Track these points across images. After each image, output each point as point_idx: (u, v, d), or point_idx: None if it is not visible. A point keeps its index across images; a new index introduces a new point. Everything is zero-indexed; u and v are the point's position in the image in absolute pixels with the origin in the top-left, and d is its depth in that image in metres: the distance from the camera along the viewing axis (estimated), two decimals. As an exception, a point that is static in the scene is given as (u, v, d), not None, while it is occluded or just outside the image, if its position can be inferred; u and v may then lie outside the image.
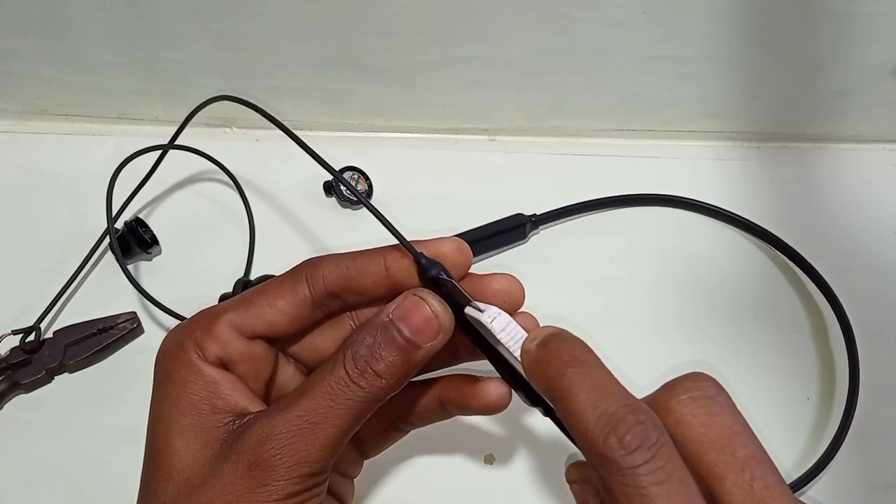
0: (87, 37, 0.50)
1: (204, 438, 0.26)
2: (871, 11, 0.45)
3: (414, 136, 0.55)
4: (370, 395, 0.26)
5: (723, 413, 0.23)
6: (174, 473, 0.25)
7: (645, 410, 0.22)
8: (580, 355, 0.24)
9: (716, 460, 0.22)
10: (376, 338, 0.26)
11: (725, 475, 0.22)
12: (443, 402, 0.31)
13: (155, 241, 0.47)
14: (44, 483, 0.39)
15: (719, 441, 0.22)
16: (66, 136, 0.55)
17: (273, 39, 0.49)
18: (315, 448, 0.25)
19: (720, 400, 0.23)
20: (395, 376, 0.26)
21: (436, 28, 0.47)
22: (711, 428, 0.22)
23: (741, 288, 0.46)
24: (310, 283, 0.28)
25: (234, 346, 0.27)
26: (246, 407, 0.27)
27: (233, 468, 0.25)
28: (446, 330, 0.27)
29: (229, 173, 0.51)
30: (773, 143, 0.53)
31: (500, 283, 0.29)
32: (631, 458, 0.21)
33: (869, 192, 0.51)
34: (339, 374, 0.26)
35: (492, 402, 0.29)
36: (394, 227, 0.28)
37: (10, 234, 0.49)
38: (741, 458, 0.22)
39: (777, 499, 0.21)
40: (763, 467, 0.22)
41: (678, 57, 0.48)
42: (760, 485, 0.21)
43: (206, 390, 0.26)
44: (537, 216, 0.48)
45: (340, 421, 0.26)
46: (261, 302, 0.28)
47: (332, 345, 0.30)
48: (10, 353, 0.42)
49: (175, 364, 0.27)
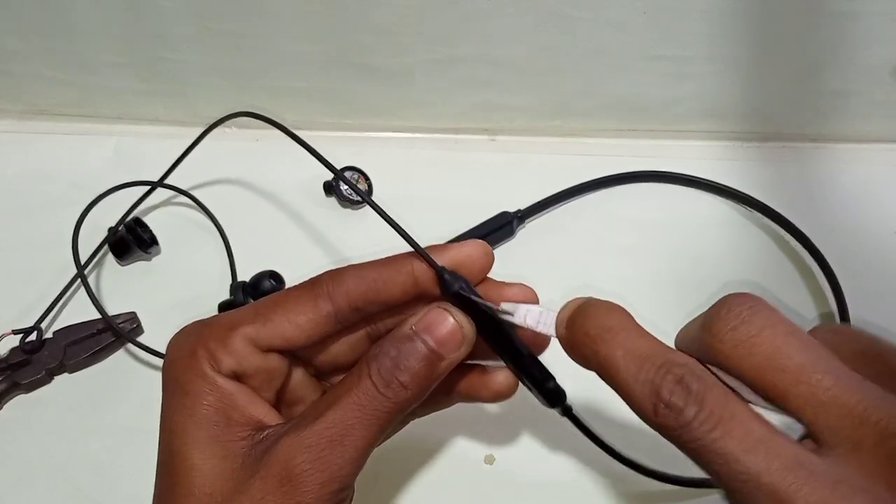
0: (87, 37, 0.50)
1: (222, 452, 0.25)
2: (871, 11, 0.45)
3: (414, 136, 0.55)
4: (396, 406, 0.26)
5: (763, 334, 0.22)
6: (195, 489, 0.25)
7: (680, 363, 0.22)
8: (605, 324, 0.24)
9: (772, 382, 0.21)
10: (401, 349, 0.26)
11: (787, 393, 0.21)
12: (450, 391, 0.31)
13: (154, 241, 0.47)
14: (44, 483, 0.39)
15: (767, 362, 0.21)
16: (66, 136, 0.55)
17: (273, 39, 0.49)
18: (345, 461, 0.25)
19: (757, 320, 0.22)
20: (420, 387, 0.26)
21: (436, 28, 0.47)
22: (757, 355, 0.22)
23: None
24: (333, 298, 0.27)
25: (249, 361, 0.27)
26: (262, 419, 0.26)
27: (262, 483, 0.25)
28: (469, 341, 0.27)
29: (206, 210, 0.50)
30: (773, 143, 0.53)
31: (515, 292, 0.29)
32: (683, 417, 0.21)
33: (869, 192, 0.51)
34: (367, 386, 0.26)
35: (501, 391, 0.30)
36: (413, 240, 0.28)
37: (10, 234, 0.49)
38: (794, 370, 0.21)
39: (844, 396, 0.21)
40: (817, 372, 0.21)
41: (678, 57, 0.48)
42: (821, 390, 0.21)
43: (222, 403, 0.26)
44: (521, 211, 0.48)
45: (369, 432, 0.26)
46: (279, 317, 0.27)
47: (346, 348, 0.30)
48: (10, 353, 0.42)
49: (188, 374, 0.26)
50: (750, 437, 0.20)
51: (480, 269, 0.29)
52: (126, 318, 0.44)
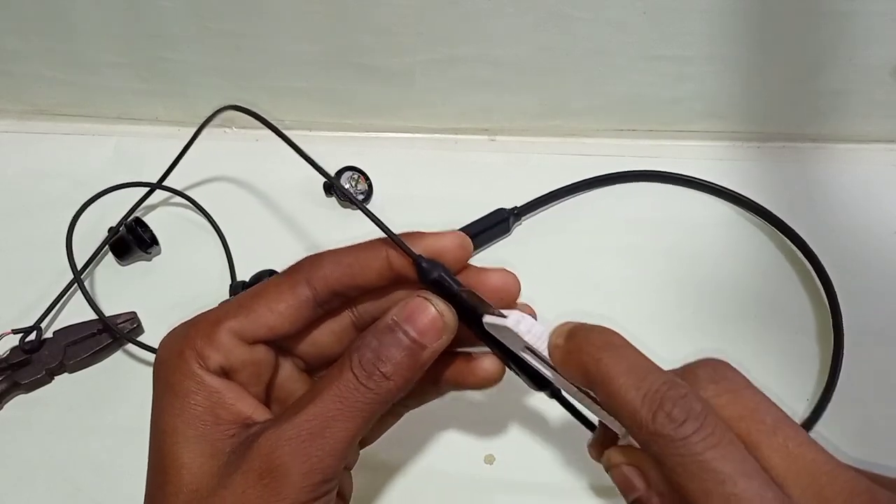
0: (87, 37, 0.50)
1: (210, 450, 0.26)
2: (871, 11, 0.45)
3: (414, 136, 0.55)
4: (378, 397, 0.26)
5: (745, 391, 0.24)
6: (183, 486, 0.25)
7: (683, 385, 0.23)
8: (609, 340, 0.25)
9: (748, 430, 0.23)
10: (382, 340, 0.26)
11: (760, 441, 0.23)
12: (438, 380, 0.31)
13: (154, 241, 0.47)
14: (44, 483, 0.39)
15: (747, 414, 0.23)
16: (66, 136, 0.55)
17: (273, 39, 0.49)
18: (326, 452, 0.25)
19: (740, 380, 0.25)
20: (403, 377, 0.26)
21: (436, 28, 0.47)
22: (738, 404, 0.24)
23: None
24: (311, 283, 0.28)
25: (236, 355, 0.27)
26: (250, 416, 0.27)
27: (243, 477, 0.25)
28: (451, 329, 0.27)
29: (203, 211, 0.50)
30: (773, 143, 0.53)
31: (496, 277, 0.29)
32: (682, 430, 0.22)
33: (869, 192, 0.51)
34: (348, 378, 0.26)
35: (489, 377, 0.30)
36: (391, 232, 0.28)
37: (10, 234, 0.49)
38: (770, 424, 0.23)
39: (813, 453, 0.23)
40: (792, 429, 0.23)
41: (678, 57, 0.48)
42: (794, 444, 0.23)
43: (210, 401, 0.26)
44: (518, 208, 0.49)
45: (350, 424, 0.26)
46: (261, 307, 0.27)
47: (332, 337, 0.30)
48: (10, 353, 0.42)
49: (176, 374, 0.26)
50: (747, 464, 0.22)
51: (455, 259, 0.29)
52: (126, 317, 0.44)
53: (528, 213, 0.49)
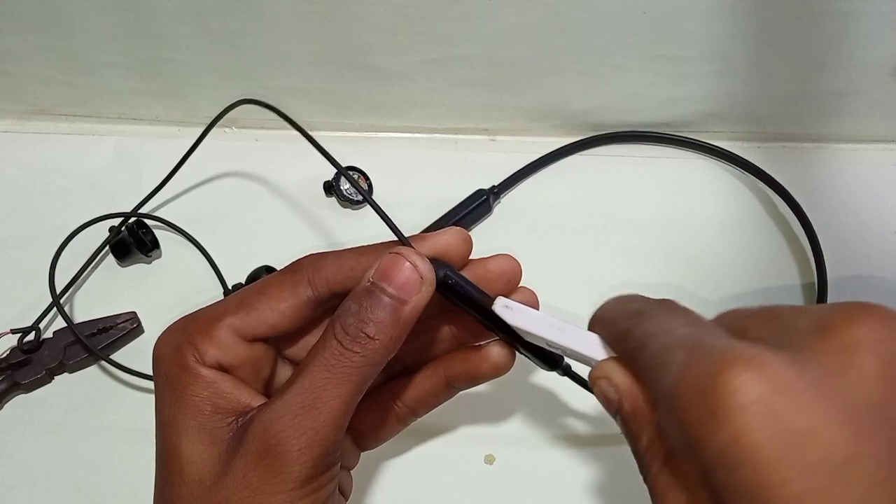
0: (87, 37, 0.50)
1: (209, 438, 0.26)
2: (871, 11, 0.45)
3: (414, 136, 0.55)
4: (366, 360, 0.26)
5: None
6: (185, 476, 0.25)
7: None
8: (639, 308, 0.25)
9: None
10: (362, 303, 0.26)
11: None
12: (449, 379, 0.31)
13: (155, 244, 0.47)
14: (44, 483, 0.39)
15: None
16: (66, 136, 0.55)
17: (273, 39, 0.49)
18: (321, 424, 0.25)
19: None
20: (388, 335, 0.26)
21: (436, 28, 0.47)
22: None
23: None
24: (313, 283, 0.28)
25: (235, 352, 0.27)
26: (248, 403, 0.27)
27: (243, 462, 0.25)
28: (430, 280, 0.27)
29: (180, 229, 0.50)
30: (773, 143, 0.53)
31: (498, 264, 0.30)
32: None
33: (869, 192, 0.51)
34: (332, 346, 0.26)
35: (500, 362, 0.30)
36: (397, 229, 0.28)
37: (10, 233, 0.49)
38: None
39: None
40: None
41: (678, 57, 0.48)
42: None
43: (208, 391, 0.26)
44: (496, 186, 0.50)
45: (341, 391, 0.26)
46: (262, 305, 0.28)
47: None
48: (9, 353, 0.42)
49: (174, 368, 0.27)
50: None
51: (459, 256, 0.29)
52: (126, 317, 0.44)
53: (506, 190, 0.50)
